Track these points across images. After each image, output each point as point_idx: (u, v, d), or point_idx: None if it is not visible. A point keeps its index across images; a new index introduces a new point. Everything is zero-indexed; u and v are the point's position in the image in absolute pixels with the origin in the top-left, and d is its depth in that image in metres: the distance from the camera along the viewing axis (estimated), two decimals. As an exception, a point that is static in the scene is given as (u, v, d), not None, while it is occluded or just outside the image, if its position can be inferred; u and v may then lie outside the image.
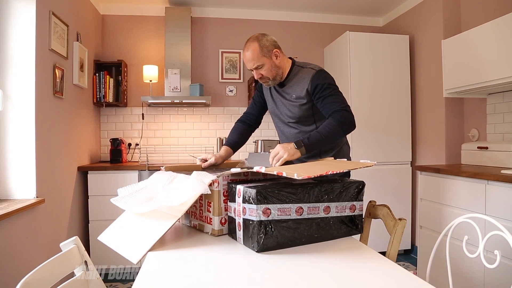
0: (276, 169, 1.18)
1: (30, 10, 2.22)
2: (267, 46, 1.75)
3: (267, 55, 1.75)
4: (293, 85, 1.83)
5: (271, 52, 1.76)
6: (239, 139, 1.97)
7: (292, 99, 1.84)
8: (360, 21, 4.23)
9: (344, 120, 1.65)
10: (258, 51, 1.74)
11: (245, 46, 1.78)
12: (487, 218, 1.26)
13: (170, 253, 1.16)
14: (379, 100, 3.55)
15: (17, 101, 2.20)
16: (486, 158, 2.70)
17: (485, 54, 2.50)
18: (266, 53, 1.75)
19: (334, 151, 1.95)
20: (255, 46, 1.74)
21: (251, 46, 1.75)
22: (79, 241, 1.24)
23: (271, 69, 1.77)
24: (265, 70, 1.77)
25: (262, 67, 1.77)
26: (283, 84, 1.87)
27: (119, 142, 3.46)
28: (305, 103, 1.80)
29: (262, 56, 1.74)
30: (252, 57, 1.75)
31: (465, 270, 2.24)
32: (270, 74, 1.79)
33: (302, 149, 1.56)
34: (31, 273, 0.98)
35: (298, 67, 1.85)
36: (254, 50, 1.74)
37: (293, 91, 1.83)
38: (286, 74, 1.84)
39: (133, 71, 3.83)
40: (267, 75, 1.79)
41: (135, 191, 1.40)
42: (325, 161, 1.55)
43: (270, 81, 1.82)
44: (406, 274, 0.98)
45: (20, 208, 1.96)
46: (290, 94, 1.85)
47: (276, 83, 1.85)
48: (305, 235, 1.21)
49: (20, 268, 2.02)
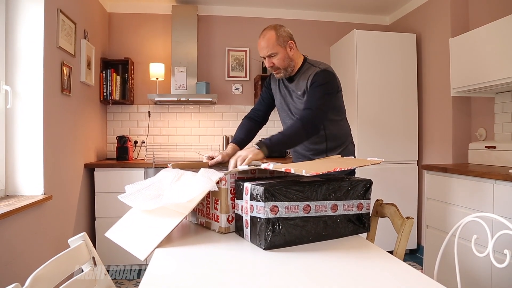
0: (284, 166, 1.17)
1: (39, 8, 2.23)
2: (283, 36, 1.78)
3: (282, 45, 1.77)
4: (300, 82, 1.85)
5: (286, 43, 1.79)
6: (246, 136, 1.97)
7: (298, 96, 1.86)
8: (367, 20, 4.21)
9: (308, 121, 1.68)
10: (274, 39, 1.76)
11: (262, 34, 1.81)
12: (496, 217, 1.25)
13: (177, 250, 1.16)
14: (386, 99, 3.53)
15: (25, 98, 2.22)
16: (494, 157, 2.68)
17: (493, 53, 2.48)
18: (282, 42, 1.77)
19: (340, 150, 1.96)
20: (272, 34, 1.77)
21: (267, 34, 1.78)
22: (87, 237, 1.25)
23: (284, 59, 1.79)
24: (277, 59, 1.79)
25: (275, 56, 1.78)
26: (292, 79, 1.88)
27: (126, 139, 3.47)
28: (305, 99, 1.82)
29: (277, 45, 1.77)
30: (267, 45, 1.77)
31: (473, 269, 2.23)
32: (282, 64, 1.80)
33: (263, 149, 1.57)
34: (41, 268, 0.98)
35: (308, 64, 1.86)
36: (270, 38, 1.76)
37: (299, 88, 1.85)
38: (297, 68, 1.86)
39: (139, 69, 3.84)
40: (279, 65, 1.80)
41: (143, 188, 1.40)
42: (332, 159, 1.55)
43: (281, 72, 1.83)
44: (414, 272, 0.97)
45: (28, 205, 1.98)
46: (296, 90, 1.86)
47: (286, 75, 1.86)
48: (312, 233, 1.21)
49: (28, 264, 2.04)
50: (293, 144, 1.75)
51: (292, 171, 1.10)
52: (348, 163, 1.31)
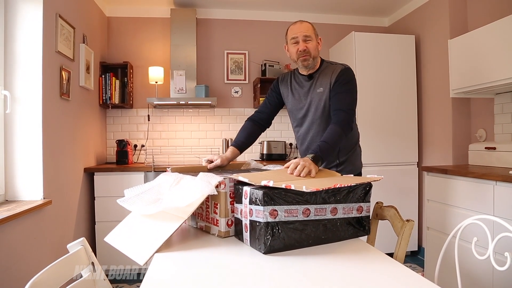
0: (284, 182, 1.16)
1: (37, 12, 2.24)
2: (316, 30, 1.93)
3: (316, 36, 1.92)
4: (320, 78, 1.92)
5: (318, 37, 1.93)
6: (247, 139, 1.98)
7: (319, 91, 1.91)
8: (365, 22, 4.22)
9: (344, 123, 1.74)
10: (312, 28, 1.91)
11: (298, 21, 1.93)
12: (497, 219, 1.25)
13: (177, 254, 1.16)
14: (385, 101, 3.53)
15: (24, 103, 2.22)
16: (494, 158, 2.67)
17: (492, 53, 2.48)
18: (316, 34, 1.92)
19: (349, 153, 1.99)
20: (309, 24, 1.92)
21: (305, 23, 1.92)
22: (86, 243, 1.24)
23: (315, 48, 1.90)
24: (311, 45, 1.88)
25: (310, 41, 1.88)
26: (311, 77, 1.95)
27: (125, 143, 3.47)
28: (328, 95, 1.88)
29: (314, 33, 1.91)
30: (307, 29, 1.89)
31: (474, 272, 2.22)
32: (313, 51, 1.89)
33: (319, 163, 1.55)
34: (39, 274, 0.98)
35: (327, 63, 1.96)
36: (309, 26, 1.91)
37: (320, 84, 1.91)
38: (317, 67, 1.95)
39: (138, 73, 3.84)
40: (311, 50, 1.88)
41: (142, 192, 1.40)
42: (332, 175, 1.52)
43: (309, 59, 1.89)
44: (414, 275, 0.97)
45: (27, 210, 1.97)
46: (316, 88, 1.93)
47: (311, 65, 1.91)
48: (312, 236, 1.20)
49: (27, 269, 2.03)
50: (337, 148, 1.75)
51: (293, 187, 1.10)
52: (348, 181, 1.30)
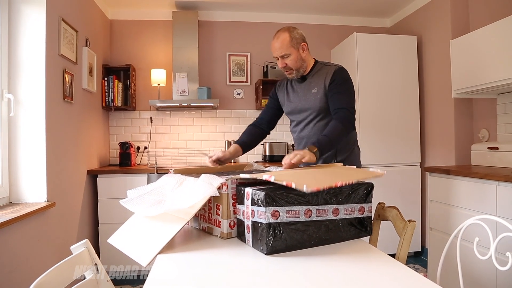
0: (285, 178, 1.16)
1: (40, 16, 2.25)
2: (296, 38, 1.84)
3: (295, 46, 1.84)
4: (314, 80, 1.92)
5: (299, 45, 1.85)
6: (250, 140, 2.02)
7: (313, 92, 1.91)
8: (367, 22, 4.22)
9: (347, 121, 1.75)
10: (288, 41, 1.83)
11: (275, 35, 1.87)
12: (499, 219, 1.25)
13: (179, 256, 1.16)
14: (387, 102, 3.53)
15: (28, 106, 2.23)
16: (497, 158, 2.67)
17: (494, 54, 2.48)
18: (295, 44, 1.84)
19: (347, 154, 1.98)
20: (286, 36, 1.83)
21: (281, 36, 1.84)
22: (89, 244, 1.25)
23: (296, 60, 1.86)
24: (290, 60, 1.85)
25: (288, 57, 1.85)
26: (305, 78, 1.95)
27: (128, 145, 3.48)
28: (325, 95, 1.87)
29: (291, 46, 1.83)
30: (281, 46, 1.83)
31: (476, 272, 2.21)
32: (294, 65, 1.87)
33: (317, 153, 1.58)
34: (43, 276, 0.99)
35: (321, 64, 1.95)
36: (284, 40, 1.83)
37: (314, 85, 1.91)
38: (309, 69, 1.94)
39: (141, 75, 3.86)
40: (291, 66, 1.87)
41: (144, 193, 1.40)
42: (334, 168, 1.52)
43: (293, 72, 1.90)
44: (416, 276, 0.97)
45: (31, 212, 1.98)
46: (310, 89, 1.92)
47: (298, 76, 1.93)
48: (314, 237, 1.21)
49: (31, 271, 2.04)
50: (337, 144, 1.76)
51: (293, 186, 1.10)
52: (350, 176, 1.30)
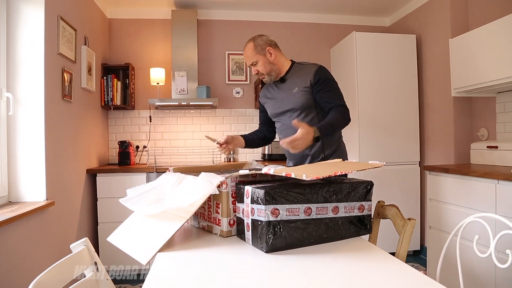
0: (284, 170, 1.17)
1: (39, 15, 2.25)
2: (261, 44, 1.94)
3: (260, 53, 1.94)
4: (295, 80, 1.96)
5: (264, 50, 1.94)
6: (252, 136, 2.17)
7: (294, 91, 1.95)
8: (366, 21, 4.22)
9: (346, 115, 1.85)
10: (253, 49, 1.95)
11: (244, 47, 2.00)
12: (498, 217, 1.25)
13: (179, 254, 1.16)
14: (386, 100, 3.53)
15: (27, 105, 2.23)
16: (496, 157, 2.67)
17: (494, 52, 2.48)
18: (260, 51, 1.94)
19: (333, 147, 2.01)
20: (250, 45, 1.96)
21: (247, 45, 1.98)
22: (89, 243, 1.25)
23: (265, 65, 1.95)
24: (259, 66, 1.96)
25: (257, 64, 1.96)
26: (284, 80, 2.01)
27: (127, 144, 3.48)
28: (306, 93, 1.92)
29: (256, 53, 1.94)
30: (247, 55, 1.97)
31: (476, 270, 2.22)
32: (264, 70, 1.96)
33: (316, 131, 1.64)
34: (43, 274, 0.99)
35: (298, 65, 2.01)
36: (249, 49, 1.96)
37: (295, 85, 1.96)
38: (284, 71, 2.00)
39: (140, 74, 3.85)
40: (262, 71, 1.97)
41: (144, 192, 1.40)
42: (333, 162, 1.55)
43: (266, 77, 2.00)
44: (416, 274, 0.97)
45: (30, 211, 1.98)
46: (291, 88, 1.97)
47: (272, 79, 2.01)
48: (313, 235, 1.21)
49: (30, 270, 2.04)
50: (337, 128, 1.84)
51: (293, 175, 1.10)
52: (349, 167, 1.31)
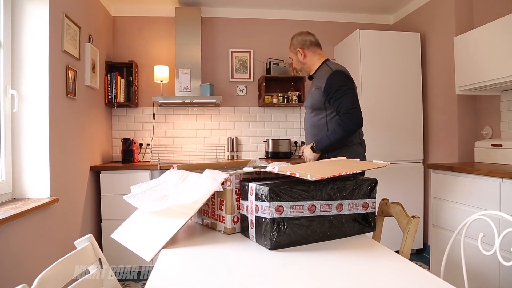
0: (289, 169, 1.17)
1: (43, 12, 2.25)
2: (294, 44, 2.27)
3: (293, 52, 2.29)
4: (315, 80, 2.21)
5: (296, 50, 2.27)
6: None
7: (312, 91, 2.20)
8: (370, 19, 4.20)
9: (347, 124, 2.01)
10: (289, 46, 2.32)
11: None
12: (503, 215, 1.24)
13: (183, 251, 1.16)
14: (390, 98, 3.52)
15: (31, 102, 2.23)
16: (500, 155, 2.66)
17: (498, 50, 2.46)
18: (293, 50, 2.29)
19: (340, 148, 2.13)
20: (290, 42, 2.31)
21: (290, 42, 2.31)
22: (93, 239, 1.25)
23: (296, 63, 2.31)
24: (293, 62, 2.33)
25: (291, 59, 2.33)
26: (311, 77, 2.29)
27: (131, 142, 3.48)
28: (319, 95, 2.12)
29: (290, 51, 2.31)
30: (289, 51, 2.34)
31: (480, 268, 2.21)
32: (296, 66, 2.31)
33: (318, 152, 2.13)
34: (47, 270, 0.99)
35: (323, 66, 2.20)
36: (289, 45, 2.32)
37: (314, 85, 2.20)
38: (314, 70, 2.25)
39: (144, 72, 3.86)
40: (294, 66, 2.33)
41: (148, 189, 1.41)
42: (338, 161, 1.54)
43: (298, 71, 2.37)
44: (421, 271, 0.97)
45: (34, 207, 1.99)
46: (313, 86, 2.22)
47: (305, 74, 2.35)
48: (317, 232, 1.21)
49: (34, 266, 2.05)
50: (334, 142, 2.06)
51: (297, 175, 1.10)
52: (354, 167, 1.30)
